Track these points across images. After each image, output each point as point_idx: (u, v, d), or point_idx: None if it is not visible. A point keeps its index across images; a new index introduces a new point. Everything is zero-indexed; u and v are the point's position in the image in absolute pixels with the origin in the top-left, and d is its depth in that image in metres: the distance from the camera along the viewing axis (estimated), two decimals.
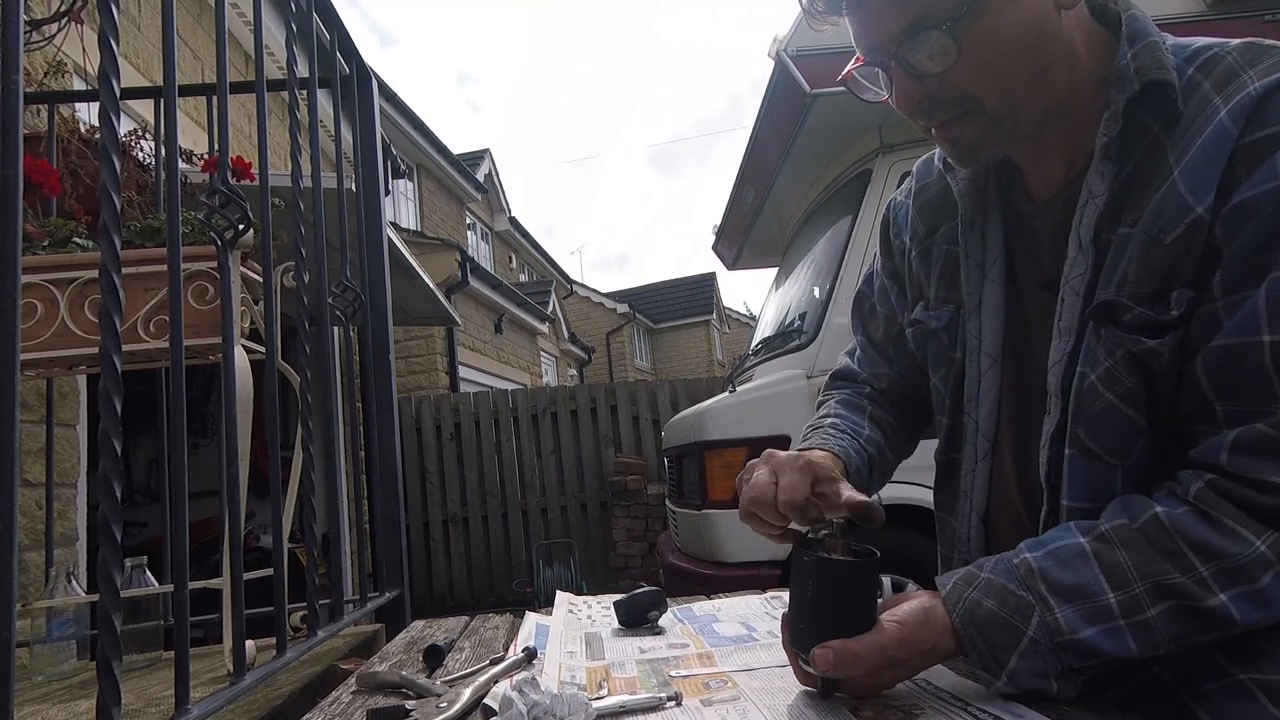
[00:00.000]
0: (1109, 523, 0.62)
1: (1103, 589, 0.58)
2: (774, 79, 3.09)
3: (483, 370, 9.05)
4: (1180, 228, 0.60)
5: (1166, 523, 0.59)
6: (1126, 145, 0.65)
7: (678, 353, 20.51)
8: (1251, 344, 0.58)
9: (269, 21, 4.12)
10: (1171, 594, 0.57)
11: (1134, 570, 0.58)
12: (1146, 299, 0.63)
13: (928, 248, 0.87)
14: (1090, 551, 0.60)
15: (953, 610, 0.61)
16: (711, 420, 2.99)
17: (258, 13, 1.24)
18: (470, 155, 13.27)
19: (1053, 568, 0.60)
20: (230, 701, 0.91)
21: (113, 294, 0.72)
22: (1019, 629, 0.59)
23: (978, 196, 0.80)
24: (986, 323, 0.78)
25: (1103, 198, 0.66)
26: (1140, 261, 0.63)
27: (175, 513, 0.89)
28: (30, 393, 2.09)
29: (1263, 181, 0.57)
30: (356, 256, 1.90)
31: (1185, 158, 0.61)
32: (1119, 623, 0.58)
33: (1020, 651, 0.58)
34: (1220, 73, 0.62)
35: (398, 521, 1.83)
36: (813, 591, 0.62)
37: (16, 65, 0.64)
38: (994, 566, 0.62)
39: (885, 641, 0.59)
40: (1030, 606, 0.59)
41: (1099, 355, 0.66)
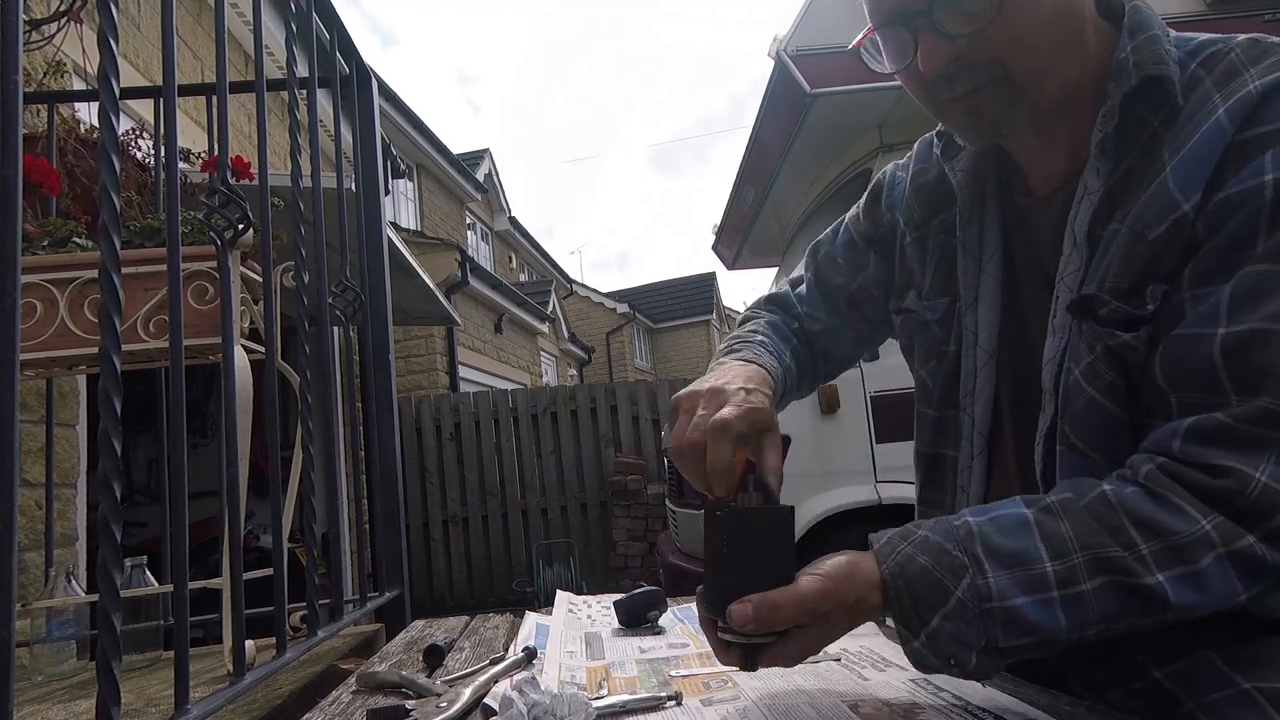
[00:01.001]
0: (1055, 496, 0.60)
1: (1040, 557, 0.57)
2: (774, 79, 3.09)
3: (483, 370, 9.05)
4: (1164, 225, 0.60)
5: (1113, 499, 0.58)
6: (1125, 140, 0.64)
7: (678, 353, 20.52)
8: (1205, 335, 0.57)
9: (269, 21, 4.12)
10: (1110, 568, 0.55)
11: (1075, 541, 0.57)
12: (1124, 294, 0.62)
13: (923, 235, 0.85)
14: (1033, 520, 0.59)
15: (884, 562, 0.59)
16: None
17: (257, 13, 1.24)
18: (470, 155, 13.27)
19: (993, 532, 0.58)
20: (230, 701, 0.91)
21: (112, 294, 0.72)
22: (948, 588, 0.56)
23: (976, 189, 0.79)
24: (983, 317, 0.77)
25: (1098, 194, 0.65)
26: (1123, 257, 0.62)
27: (175, 513, 0.89)
28: (30, 393, 2.09)
29: (1250, 178, 0.57)
30: (356, 256, 1.90)
31: (1178, 154, 0.60)
32: (1052, 594, 0.56)
33: (945, 612, 0.56)
34: (1223, 70, 0.61)
35: (398, 521, 1.82)
36: (728, 547, 0.59)
37: (16, 65, 0.64)
38: (933, 526, 0.61)
39: (807, 593, 0.57)
40: (964, 568, 0.57)
41: (1081, 350, 0.65)
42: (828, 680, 0.69)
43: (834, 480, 2.85)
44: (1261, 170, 0.56)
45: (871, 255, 0.93)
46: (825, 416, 2.86)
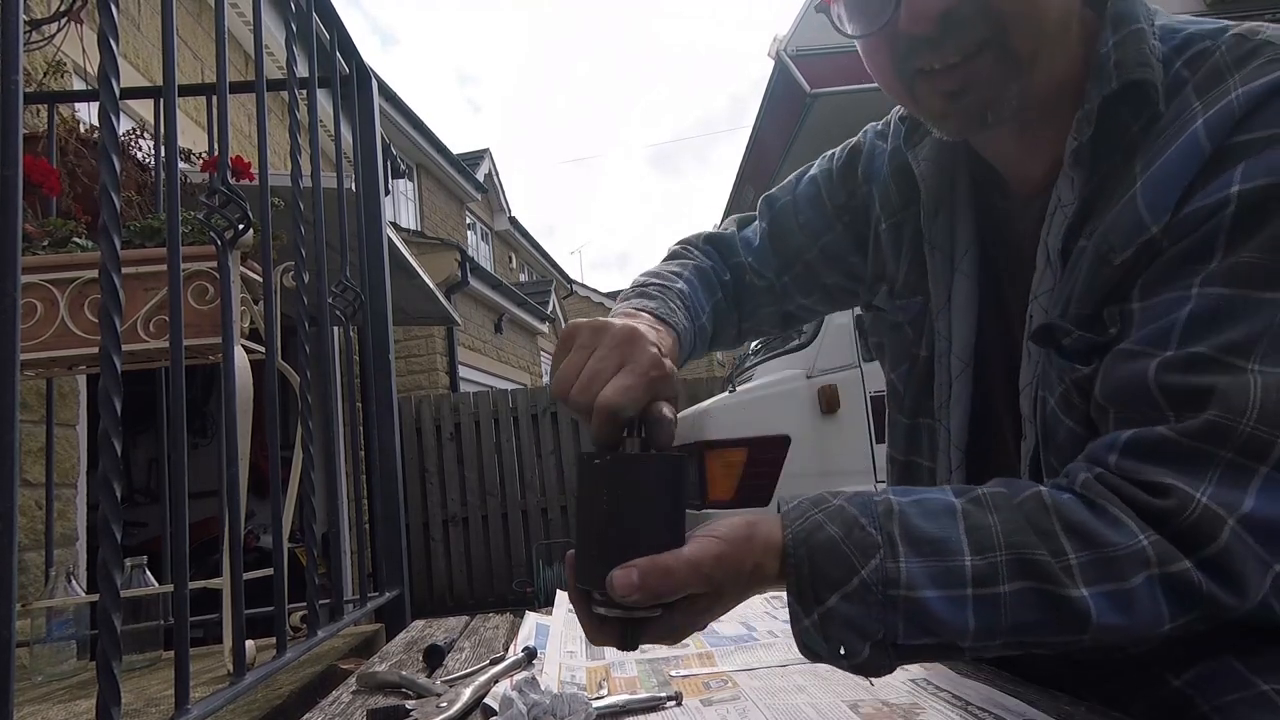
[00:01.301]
0: (987, 489, 0.55)
1: (961, 549, 0.51)
2: (774, 79, 3.09)
3: (483, 370, 9.05)
4: (1131, 249, 0.55)
5: (1048, 501, 0.52)
6: (1103, 146, 0.58)
7: None
8: (1150, 353, 0.53)
9: (269, 21, 4.12)
10: (1033, 573, 0.50)
11: (1001, 536, 0.51)
12: (1086, 321, 0.57)
13: (899, 223, 0.77)
14: (959, 509, 0.53)
15: (788, 526, 0.52)
16: (711, 420, 3.00)
17: (257, 13, 1.24)
18: (470, 155, 13.27)
19: (915, 514, 0.52)
20: (230, 701, 0.91)
21: (112, 294, 0.72)
22: (854, 566, 0.50)
23: (942, 180, 0.72)
24: (957, 322, 0.71)
25: (1071, 207, 0.59)
26: (1086, 280, 0.58)
27: (175, 513, 0.89)
28: (30, 393, 2.09)
29: (1217, 190, 0.52)
30: (356, 256, 1.90)
31: (1150, 168, 0.55)
32: (965, 591, 0.50)
33: (846, 592, 0.50)
34: (1206, 72, 0.55)
35: (398, 521, 1.83)
36: (608, 502, 0.49)
37: (16, 65, 0.64)
38: (850, 497, 0.54)
39: (703, 556, 0.49)
40: (875, 546, 0.51)
41: (1052, 379, 0.60)
42: (828, 680, 0.69)
43: (834, 480, 2.85)
44: (1230, 182, 0.51)
45: (840, 224, 0.84)
46: (825, 416, 2.86)
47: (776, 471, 2.84)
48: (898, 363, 0.78)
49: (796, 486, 2.83)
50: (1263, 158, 0.51)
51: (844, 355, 2.90)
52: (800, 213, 0.86)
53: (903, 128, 0.76)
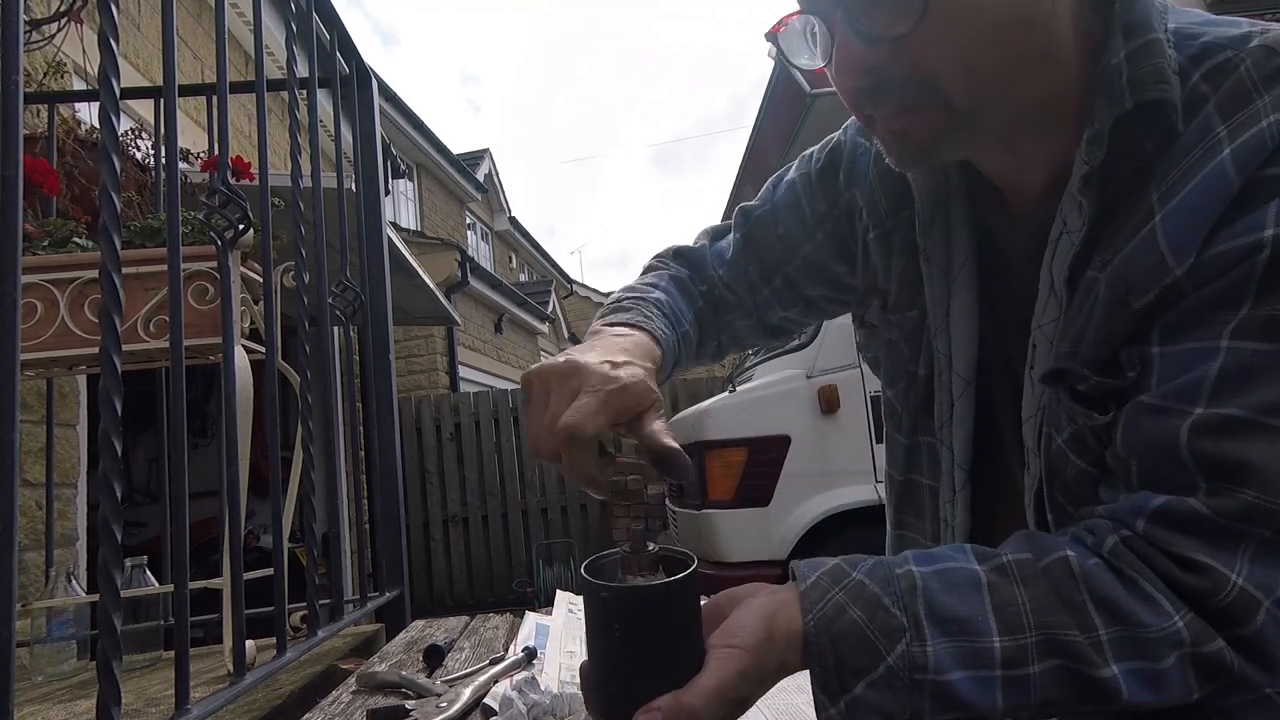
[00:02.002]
0: (1011, 554, 0.52)
1: (989, 629, 0.49)
2: (774, 79, 3.10)
3: (483, 370, 9.05)
4: (1153, 291, 0.51)
5: (1076, 570, 0.50)
6: (1114, 167, 0.53)
7: None
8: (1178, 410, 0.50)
9: (269, 21, 4.12)
10: (1063, 652, 0.48)
11: (1030, 615, 0.49)
12: (1102, 365, 0.54)
13: (887, 232, 0.72)
14: (985, 583, 0.51)
15: (808, 611, 0.50)
16: (711, 420, 3.00)
17: (257, 13, 1.24)
18: (470, 155, 13.27)
19: (939, 590, 0.50)
20: (230, 701, 0.91)
21: (113, 294, 0.72)
22: (880, 654, 0.48)
23: (937, 189, 0.67)
24: (957, 338, 0.67)
25: (1079, 234, 0.55)
26: (1102, 322, 0.53)
27: (175, 513, 0.89)
28: (30, 393, 2.09)
29: (1246, 232, 0.48)
30: (356, 256, 1.90)
31: (1171, 201, 0.50)
32: (995, 673, 0.49)
33: (871, 680, 0.48)
34: (1231, 89, 0.50)
35: (398, 521, 1.83)
36: (622, 634, 0.47)
37: (16, 65, 0.64)
38: (870, 570, 0.52)
39: (725, 681, 0.46)
40: (901, 630, 0.49)
41: (1061, 420, 0.57)
42: None
43: (834, 480, 2.85)
44: (1263, 224, 0.47)
45: (821, 233, 0.79)
46: (825, 416, 2.86)
47: (776, 471, 2.84)
48: (894, 380, 0.74)
49: (796, 486, 2.83)
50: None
51: (844, 355, 2.90)
52: (779, 222, 0.81)
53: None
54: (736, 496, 2.87)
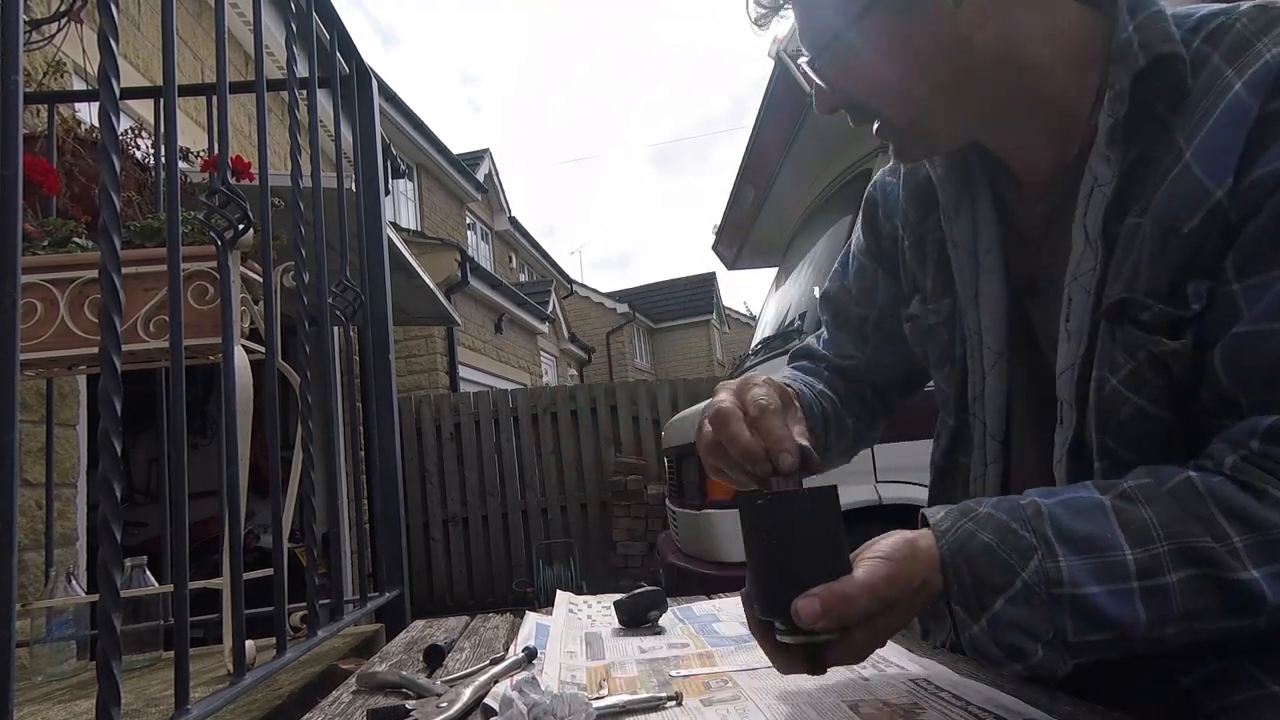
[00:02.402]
0: (1132, 481, 0.55)
1: (1119, 544, 0.51)
2: (774, 79, 3.09)
3: (483, 370, 9.05)
4: (1199, 215, 0.55)
5: (1200, 487, 0.52)
6: (1133, 123, 0.59)
7: (678, 353, 20.51)
8: (1277, 330, 0.52)
9: (269, 21, 4.12)
10: (1199, 560, 0.50)
11: (1160, 528, 0.51)
12: (1164, 295, 0.57)
13: (920, 236, 0.80)
14: (1110, 507, 0.53)
15: (942, 539, 0.54)
16: None
17: (257, 13, 1.24)
18: (470, 155, 13.27)
19: (1065, 514, 0.53)
20: (230, 701, 0.91)
21: (112, 294, 0.72)
22: (1014, 569, 0.51)
23: (960, 182, 0.75)
24: (986, 316, 0.72)
25: (1110, 185, 0.60)
26: (1155, 254, 0.57)
27: (175, 513, 0.89)
28: (30, 393, 2.09)
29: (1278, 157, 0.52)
30: (356, 256, 1.90)
31: (1197, 137, 0.55)
32: (1132, 584, 0.50)
33: (1010, 596, 0.51)
34: (1231, 43, 0.56)
35: (398, 521, 1.83)
36: (777, 539, 0.53)
37: (16, 65, 0.64)
38: (995, 503, 0.55)
39: (875, 579, 0.51)
40: (1031, 548, 0.52)
41: (1118, 358, 0.59)
42: (828, 680, 0.69)
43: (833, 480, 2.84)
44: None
45: (880, 275, 0.88)
46: None
47: None
48: (940, 364, 0.80)
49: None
50: None
51: None
52: (852, 288, 0.92)
53: None
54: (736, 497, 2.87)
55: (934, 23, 0.61)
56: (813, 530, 0.53)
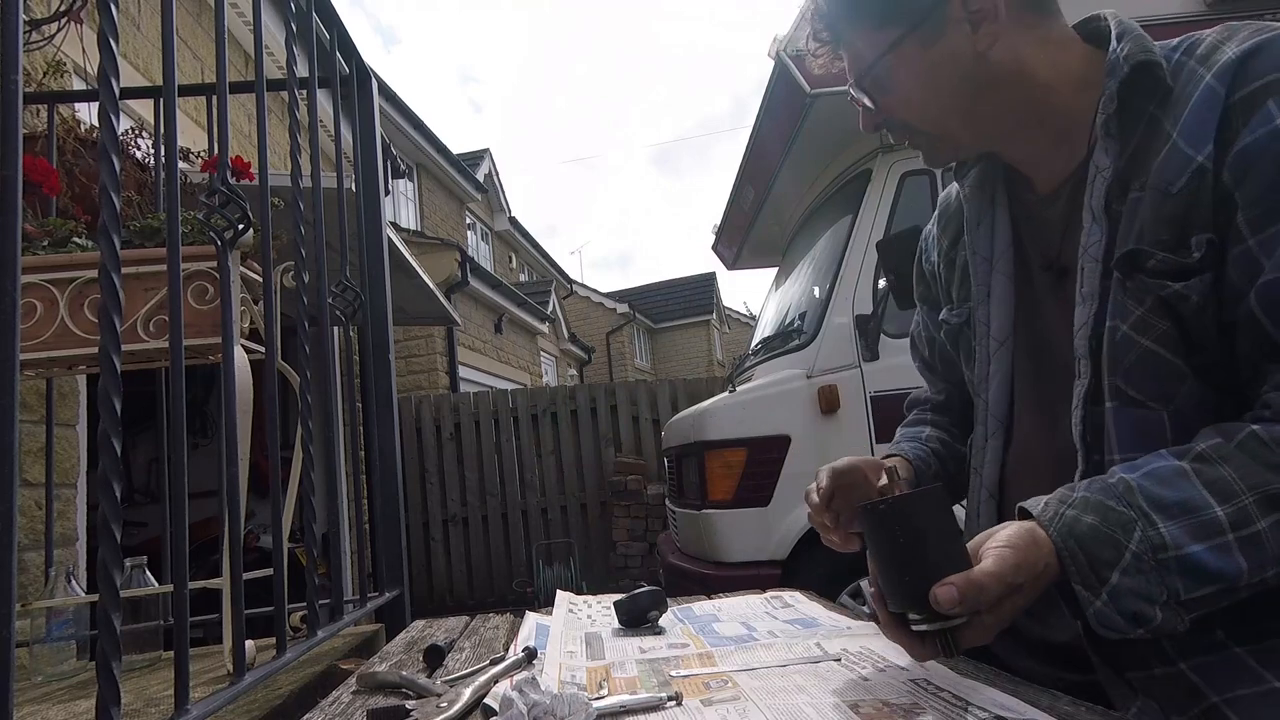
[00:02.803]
0: (1204, 443, 0.61)
1: (1208, 503, 0.58)
2: (774, 79, 3.09)
3: (483, 370, 9.05)
4: (1185, 177, 0.64)
5: (1266, 437, 0.59)
6: (1127, 125, 0.70)
7: (678, 353, 20.50)
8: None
9: (268, 21, 4.12)
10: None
11: (1239, 482, 0.58)
12: (1167, 245, 0.65)
13: (951, 258, 0.93)
14: (1190, 470, 0.60)
15: (1050, 527, 0.60)
16: (711, 420, 2.99)
17: (257, 12, 1.24)
18: (470, 155, 13.27)
19: (1152, 485, 0.60)
20: (230, 701, 0.91)
21: (112, 294, 0.72)
22: (1121, 543, 0.58)
23: (984, 196, 0.87)
24: (994, 310, 0.83)
25: (1109, 170, 0.70)
26: (1153, 215, 0.66)
27: (175, 513, 0.89)
28: (30, 393, 2.09)
29: (1261, 125, 0.61)
30: (356, 256, 1.90)
31: (1180, 121, 0.66)
32: (1228, 538, 0.57)
33: (1123, 568, 0.57)
34: (1203, 50, 0.67)
35: (398, 521, 1.82)
36: (903, 537, 0.60)
37: (16, 65, 0.64)
38: (1088, 486, 0.62)
39: (1004, 567, 0.58)
40: (1132, 521, 0.58)
41: (1128, 306, 0.68)
42: (828, 680, 0.69)
43: None
44: (1271, 117, 0.61)
45: (927, 311, 1.02)
46: (825, 416, 2.86)
47: (776, 471, 2.84)
48: (969, 361, 0.90)
49: (797, 486, 2.83)
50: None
51: (844, 355, 2.89)
52: (924, 328, 1.05)
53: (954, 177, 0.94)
54: (736, 496, 2.87)
55: (955, 47, 0.73)
56: (934, 524, 0.60)
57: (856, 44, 0.78)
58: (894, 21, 0.74)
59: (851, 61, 0.79)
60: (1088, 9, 0.79)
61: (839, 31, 0.79)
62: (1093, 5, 0.81)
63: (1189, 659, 0.64)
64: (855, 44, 0.78)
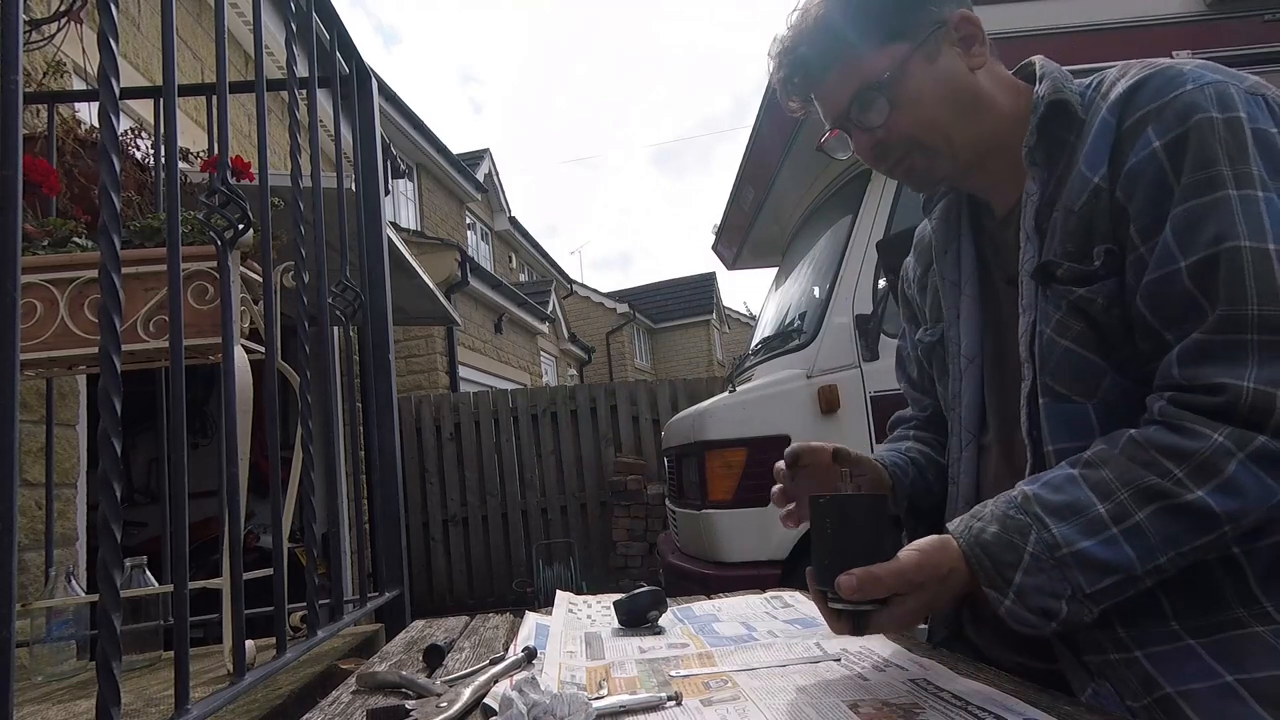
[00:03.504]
0: (1091, 451, 0.69)
1: (1091, 502, 0.65)
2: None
3: (483, 370, 9.05)
4: (1084, 196, 0.74)
5: (1139, 439, 0.66)
6: (1053, 155, 0.79)
7: (678, 353, 20.50)
8: (1171, 272, 0.68)
9: (268, 21, 4.12)
10: (1153, 496, 0.63)
11: (1117, 481, 0.65)
12: (1074, 256, 0.75)
13: (924, 283, 1.02)
14: (1078, 476, 0.67)
15: (959, 537, 0.68)
16: (711, 420, 2.99)
17: (257, 12, 1.24)
18: (470, 155, 13.27)
19: (1046, 493, 0.67)
20: (230, 701, 0.91)
21: (112, 294, 0.72)
22: (1019, 547, 0.65)
23: (949, 227, 0.95)
24: (963, 330, 0.91)
25: (1036, 195, 0.79)
26: (1062, 230, 0.76)
27: (175, 513, 0.89)
28: (30, 393, 2.09)
29: (1142, 149, 0.70)
30: (356, 256, 1.90)
31: (1083, 148, 0.75)
32: (1112, 531, 0.63)
33: (1024, 568, 0.64)
34: (1105, 85, 0.78)
35: (398, 521, 1.82)
36: (832, 529, 0.68)
37: (16, 65, 0.64)
38: (993, 501, 0.70)
39: (904, 566, 0.65)
40: (1028, 526, 0.65)
41: (1049, 311, 0.76)
42: (828, 680, 0.69)
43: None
44: (1149, 141, 0.70)
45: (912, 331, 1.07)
46: (825, 417, 2.86)
47: None
48: (941, 377, 0.97)
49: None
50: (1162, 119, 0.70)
51: (844, 355, 2.89)
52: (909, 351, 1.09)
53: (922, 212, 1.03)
54: (736, 496, 2.87)
55: (952, 64, 0.82)
56: (859, 523, 0.68)
57: (863, 62, 0.82)
58: (901, 37, 0.81)
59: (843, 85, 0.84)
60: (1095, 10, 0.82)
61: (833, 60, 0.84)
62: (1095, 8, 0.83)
63: (1144, 648, 0.68)
64: (861, 63, 0.82)
